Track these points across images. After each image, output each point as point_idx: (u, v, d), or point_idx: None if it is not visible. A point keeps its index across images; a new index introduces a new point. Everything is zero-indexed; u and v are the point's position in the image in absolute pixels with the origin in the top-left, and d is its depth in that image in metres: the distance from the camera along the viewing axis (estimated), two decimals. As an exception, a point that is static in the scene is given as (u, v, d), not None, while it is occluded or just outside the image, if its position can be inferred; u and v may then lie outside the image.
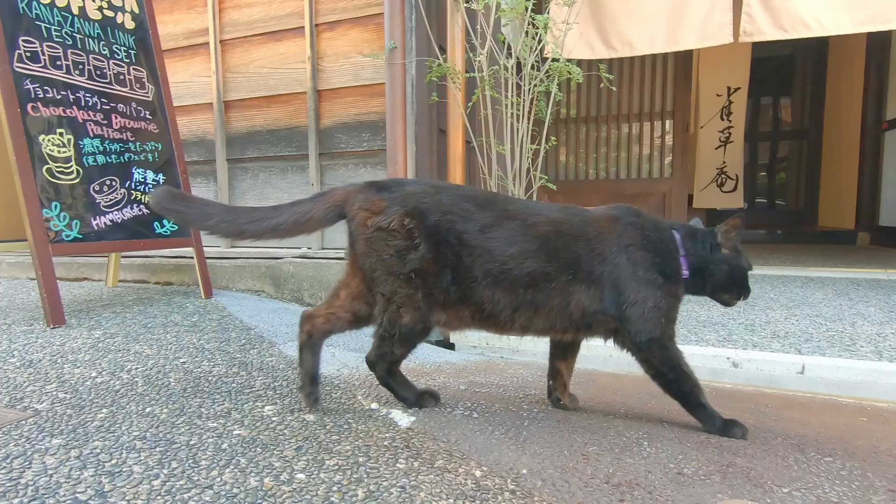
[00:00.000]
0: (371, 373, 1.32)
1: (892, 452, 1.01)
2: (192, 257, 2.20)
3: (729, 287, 1.10)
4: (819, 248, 4.50)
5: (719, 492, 0.72)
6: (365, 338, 1.86)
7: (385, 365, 1.04)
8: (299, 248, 2.43)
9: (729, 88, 4.91)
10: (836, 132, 5.31)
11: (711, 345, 1.87)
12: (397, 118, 2.09)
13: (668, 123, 3.42)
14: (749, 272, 1.11)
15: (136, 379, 1.20)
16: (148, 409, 1.02)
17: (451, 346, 2.14)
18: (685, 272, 1.04)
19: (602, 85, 2.14)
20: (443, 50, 2.16)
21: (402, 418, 1.00)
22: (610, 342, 1.05)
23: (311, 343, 1.07)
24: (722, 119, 5.01)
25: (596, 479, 0.76)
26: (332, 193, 1.03)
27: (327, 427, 0.95)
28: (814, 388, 1.67)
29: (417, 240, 0.94)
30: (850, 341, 1.84)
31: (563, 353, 1.15)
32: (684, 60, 3.32)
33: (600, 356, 1.91)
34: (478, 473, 0.78)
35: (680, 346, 1.86)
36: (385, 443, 0.88)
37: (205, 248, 2.28)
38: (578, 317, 0.98)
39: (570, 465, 0.81)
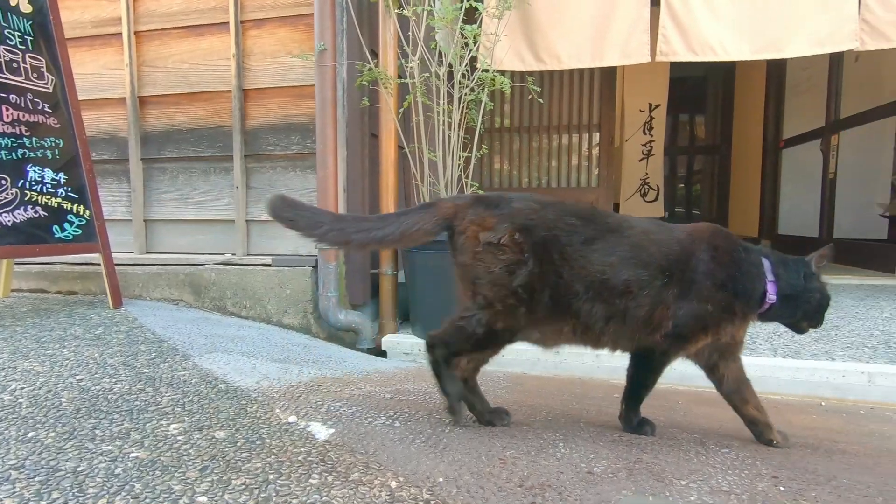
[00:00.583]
0: (292, 384, 1.28)
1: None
2: (99, 264, 2.02)
3: (814, 315, 1.10)
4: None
5: (624, 488, 0.75)
6: (292, 349, 1.80)
7: (444, 352, 1.02)
8: (222, 254, 2.31)
9: (650, 105, 5.26)
10: (742, 148, 5.82)
11: (631, 346, 1.97)
12: (327, 121, 2.04)
13: (595, 136, 3.59)
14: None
15: (21, 400, 1.07)
16: (31, 434, 0.92)
17: (383, 354, 2.12)
18: (772, 297, 1.04)
19: (529, 97, 2.21)
20: (375, 54, 2.14)
21: (321, 431, 0.97)
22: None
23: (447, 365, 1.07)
24: (644, 133, 5.34)
25: (510, 483, 0.77)
26: (440, 206, 1.03)
27: (238, 444, 0.90)
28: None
29: (527, 254, 0.95)
30: (751, 339, 2.00)
31: (739, 393, 1.14)
32: (609, 77, 3.51)
33: (528, 359, 1.96)
34: (393, 484, 0.77)
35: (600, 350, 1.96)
36: (300, 458, 0.85)
37: (115, 255, 2.10)
38: (656, 329, 1.01)
39: (487, 470, 0.81)
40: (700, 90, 6.40)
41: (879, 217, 4.07)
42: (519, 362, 1.98)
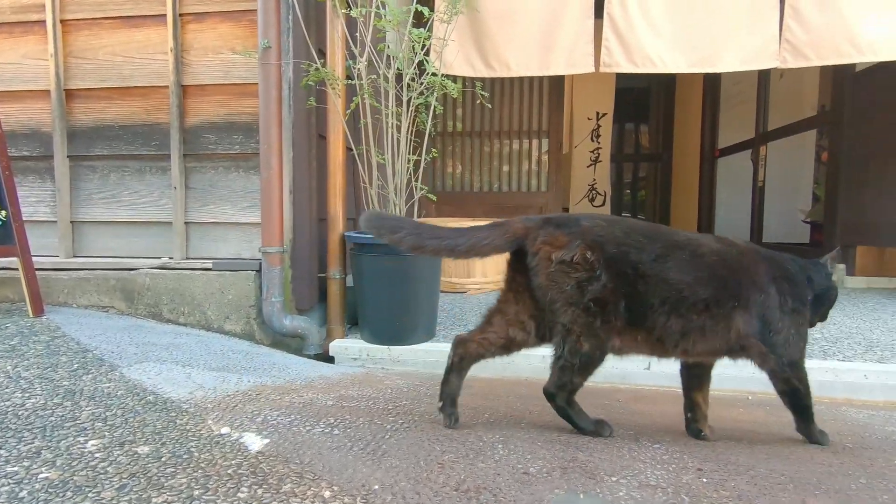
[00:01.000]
0: (228, 393, 1.23)
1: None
2: (17, 269, 1.87)
3: (828, 311, 1.21)
4: (670, 257, 5.13)
5: (557, 487, 0.77)
6: (232, 356, 1.73)
7: (564, 395, 1.06)
8: (159, 257, 2.19)
9: (598, 113, 5.45)
10: (682, 157, 6.14)
11: (576, 347, 2.02)
12: (272, 121, 1.98)
13: (544, 142, 3.68)
14: None
15: (-86, 420, 0.97)
16: (-78, 457, 0.83)
17: (330, 360, 2.07)
18: (809, 298, 1.14)
19: (478, 101, 2.24)
20: (323, 54, 2.11)
21: (255, 442, 0.93)
22: (742, 361, 1.13)
23: (460, 366, 1.13)
24: (592, 140, 5.53)
25: (446, 488, 0.77)
26: (511, 225, 1.06)
27: (163, 459, 0.85)
28: (658, 381, 1.88)
29: (598, 271, 0.99)
30: (687, 339, 2.10)
31: (698, 384, 1.18)
32: (557, 85, 3.61)
33: (477, 363, 1.97)
34: (327, 494, 0.75)
35: (549, 349, 2.01)
36: (229, 471, 0.81)
37: (37, 258, 1.95)
38: (734, 341, 1.06)
39: (424, 475, 0.81)
40: (644, 101, 6.70)
41: (802, 223, 4.40)
42: (468, 365, 1.99)
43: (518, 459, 0.88)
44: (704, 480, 0.83)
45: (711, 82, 5.26)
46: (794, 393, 1.11)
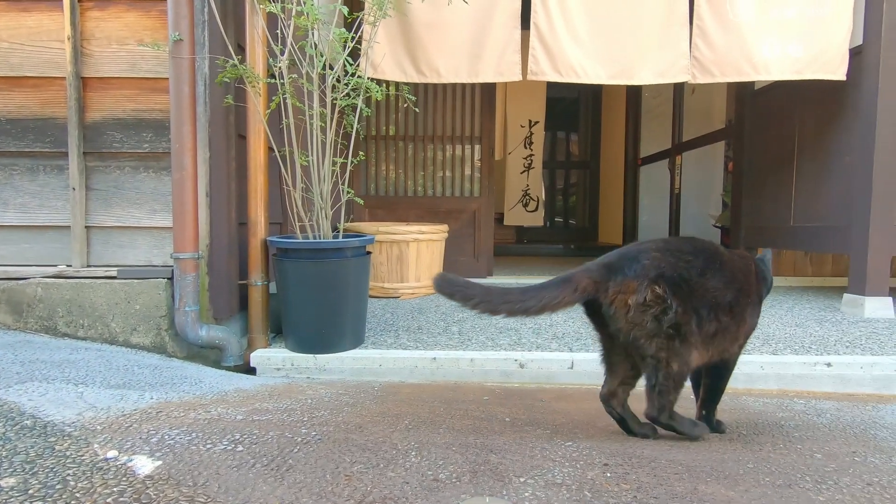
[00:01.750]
0: (125, 413, 1.13)
1: (617, 429, 1.21)
2: None
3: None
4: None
5: (465, 492, 0.76)
6: (137, 372, 1.59)
7: (667, 413, 1.12)
8: (55, 265, 1.99)
9: (530, 121, 5.63)
10: (609, 165, 6.47)
11: (504, 349, 2.05)
12: (185, 118, 1.86)
13: (477, 148, 3.73)
14: None
15: None
16: None
17: (252, 371, 1.97)
18: None
19: (405, 105, 2.23)
20: (242, 50, 2.01)
21: (145, 465, 0.85)
22: None
23: (623, 411, 1.20)
24: (525, 147, 5.70)
25: (351, 501, 0.74)
26: (579, 282, 1.10)
27: (30, 492, 0.76)
28: (581, 379, 1.94)
29: (668, 300, 1.06)
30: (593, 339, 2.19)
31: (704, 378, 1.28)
32: (489, 93, 3.68)
33: (406, 368, 1.95)
34: (220, 517, 0.69)
35: (478, 353, 2.02)
36: (109, 500, 0.73)
37: None
38: (741, 336, 1.21)
39: (330, 489, 0.77)
40: (574, 111, 7.00)
41: (713, 227, 4.76)
42: (396, 371, 1.96)
43: (430, 466, 0.87)
44: (609, 475, 0.86)
45: (633, 96, 5.59)
46: (720, 375, 1.26)
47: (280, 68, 1.89)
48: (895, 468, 1.00)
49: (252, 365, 1.96)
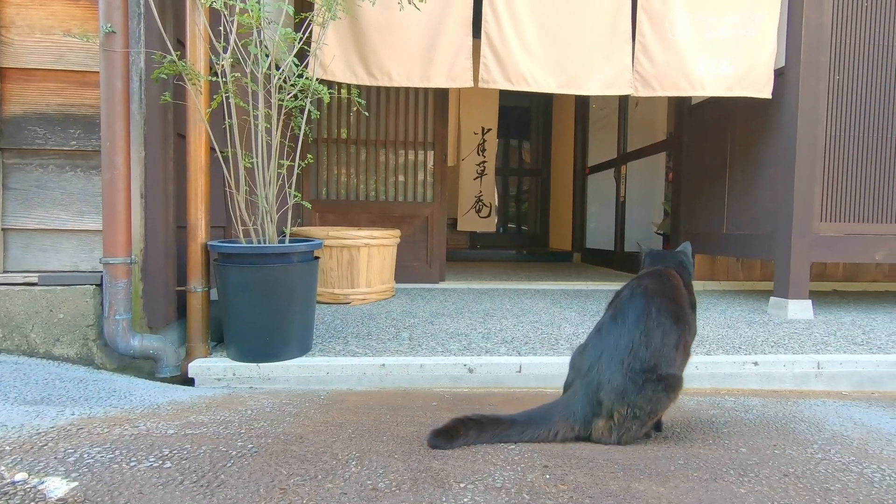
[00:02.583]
0: (40, 431, 1.04)
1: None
2: None
3: None
4: (548, 265, 5.53)
5: (404, 500, 0.75)
6: (59, 385, 1.47)
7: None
8: (-36, 271, 1.82)
9: (483, 128, 5.71)
10: (559, 173, 6.66)
11: (454, 354, 2.05)
12: (117, 115, 1.76)
13: (430, 154, 3.74)
14: None
15: None
16: None
17: (190, 382, 1.88)
18: None
19: (354, 109, 2.21)
20: (182, 45, 1.92)
21: (58, 487, 0.79)
22: None
23: None
24: (478, 154, 5.77)
25: (285, 515, 0.71)
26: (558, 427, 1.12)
27: (-81, 522, 0.68)
28: (528, 383, 1.98)
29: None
30: (555, 341, 2.25)
31: None
32: (442, 99, 3.71)
33: (354, 375, 1.92)
34: (140, 540, 0.65)
35: (427, 358, 2.02)
36: (13, 526, 0.67)
37: None
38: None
39: (262, 503, 0.74)
40: (526, 119, 7.16)
41: (655, 234, 4.99)
42: (344, 378, 1.92)
43: (370, 475, 0.85)
44: (548, 476, 0.87)
45: (582, 107, 5.79)
46: None
47: (223, 66, 1.82)
48: (809, 458, 1.08)
49: (190, 375, 1.86)
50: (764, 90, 2.80)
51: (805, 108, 2.71)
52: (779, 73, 2.82)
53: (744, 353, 2.08)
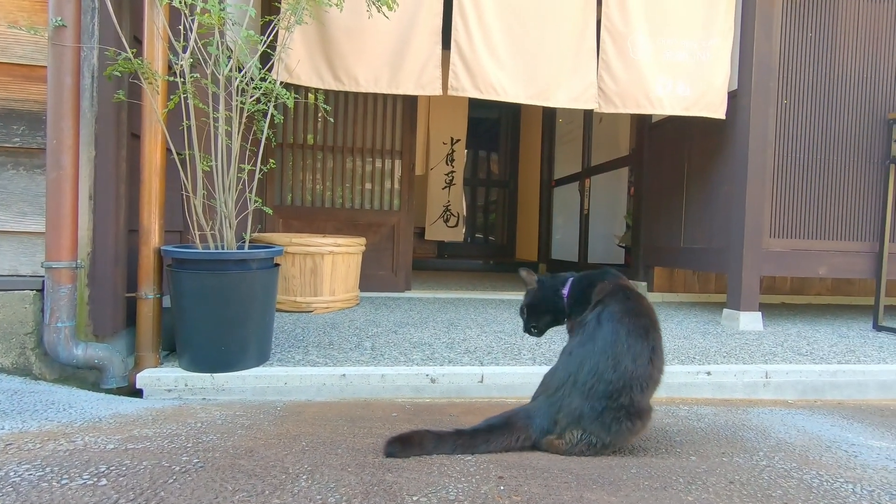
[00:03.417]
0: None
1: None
2: None
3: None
4: (515, 275, 5.57)
5: (354, 515, 0.73)
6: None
7: None
8: None
9: (452, 139, 5.75)
10: (526, 184, 6.76)
11: (416, 364, 2.04)
12: (65, 112, 1.68)
13: (398, 162, 3.74)
14: None
15: None
16: None
17: (138, 394, 1.79)
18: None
19: (321, 114, 2.18)
20: (140, 42, 1.86)
21: (-23, 508, 0.73)
22: None
23: None
24: (447, 164, 5.81)
25: (227, 533, 0.68)
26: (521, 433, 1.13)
27: None
28: (490, 393, 1.98)
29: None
30: (518, 351, 2.26)
31: None
32: (411, 108, 3.71)
33: (314, 386, 1.87)
34: (65, 564, 0.61)
35: (389, 368, 1.99)
36: (-80, 553, 0.62)
37: None
38: None
39: (204, 522, 0.71)
40: (495, 131, 7.26)
41: (617, 246, 5.13)
42: (303, 389, 1.87)
43: (320, 490, 0.83)
44: (502, 488, 0.87)
45: (549, 120, 5.92)
46: None
47: (181, 66, 1.77)
48: (754, 465, 1.12)
49: (138, 386, 1.78)
50: (718, 111, 2.94)
51: (756, 130, 2.85)
52: (732, 96, 2.96)
53: (698, 364, 2.14)
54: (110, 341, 1.85)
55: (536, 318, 1.43)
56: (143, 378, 1.78)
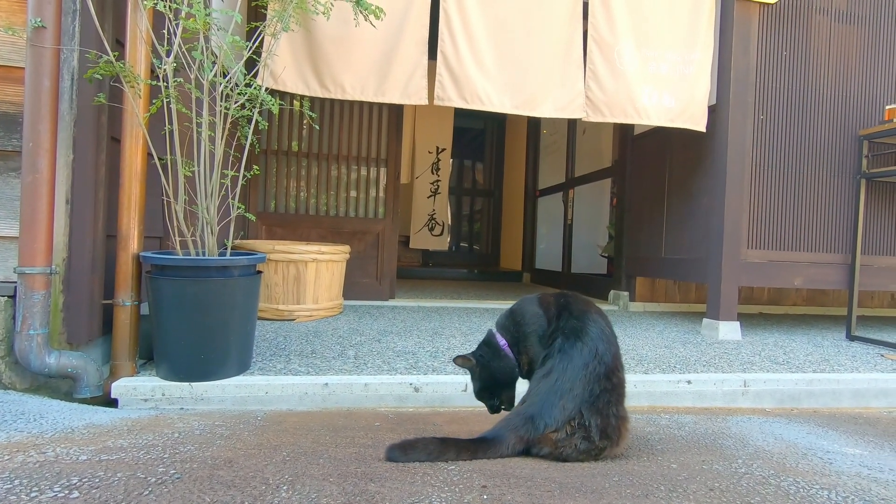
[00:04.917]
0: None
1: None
2: None
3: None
4: (499, 284, 5.60)
5: (335, 526, 0.72)
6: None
7: None
8: None
9: (437, 148, 5.78)
10: (510, 194, 6.81)
11: (400, 373, 2.02)
12: (42, 115, 1.64)
13: (383, 170, 3.73)
14: None
15: None
16: None
17: (114, 403, 1.74)
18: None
19: (306, 121, 2.18)
20: (122, 46, 1.83)
21: (-60, 523, 0.70)
22: None
23: None
24: (433, 173, 5.82)
25: (204, 546, 0.66)
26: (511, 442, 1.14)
27: None
28: (474, 402, 1.95)
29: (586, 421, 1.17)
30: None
31: None
32: (397, 116, 3.72)
33: (295, 395, 1.85)
34: (32, 581, 0.58)
35: (372, 377, 1.98)
36: None
37: None
38: None
39: (180, 535, 0.69)
40: (480, 141, 7.31)
41: (600, 256, 5.18)
42: (285, 398, 1.84)
43: (301, 500, 0.81)
44: (485, 497, 0.86)
45: (533, 131, 5.98)
46: None
47: (164, 71, 1.75)
48: (733, 473, 1.13)
49: (113, 396, 1.73)
50: (700, 124, 3.01)
51: (734, 143, 2.93)
52: (712, 109, 3.03)
53: (679, 373, 2.17)
54: (85, 349, 1.80)
55: (495, 393, 1.40)
56: (119, 387, 1.73)
